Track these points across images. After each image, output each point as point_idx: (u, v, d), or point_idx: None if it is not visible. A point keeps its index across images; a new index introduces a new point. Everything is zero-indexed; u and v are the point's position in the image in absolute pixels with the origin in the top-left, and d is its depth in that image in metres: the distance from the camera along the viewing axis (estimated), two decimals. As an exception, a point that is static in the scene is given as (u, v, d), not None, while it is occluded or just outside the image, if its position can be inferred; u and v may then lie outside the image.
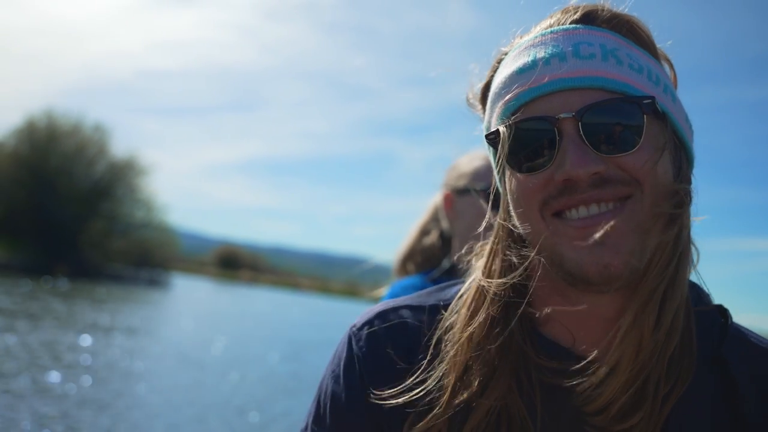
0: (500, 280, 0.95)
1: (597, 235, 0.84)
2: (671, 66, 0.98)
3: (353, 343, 1.02)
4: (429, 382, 0.95)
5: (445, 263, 2.13)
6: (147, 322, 21.68)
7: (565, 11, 0.94)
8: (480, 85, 1.03)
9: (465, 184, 2.13)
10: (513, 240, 0.96)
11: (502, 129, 0.91)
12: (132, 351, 14.86)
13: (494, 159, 0.98)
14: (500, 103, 0.93)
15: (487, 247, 1.01)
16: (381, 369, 0.99)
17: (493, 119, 0.96)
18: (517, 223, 0.94)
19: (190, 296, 42.17)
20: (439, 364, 0.96)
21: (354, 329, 1.04)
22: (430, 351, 0.98)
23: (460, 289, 1.04)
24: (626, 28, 0.92)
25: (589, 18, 0.92)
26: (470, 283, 1.01)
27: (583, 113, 0.85)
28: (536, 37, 0.92)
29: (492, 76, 0.99)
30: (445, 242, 2.21)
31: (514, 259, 0.95)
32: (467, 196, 2.11)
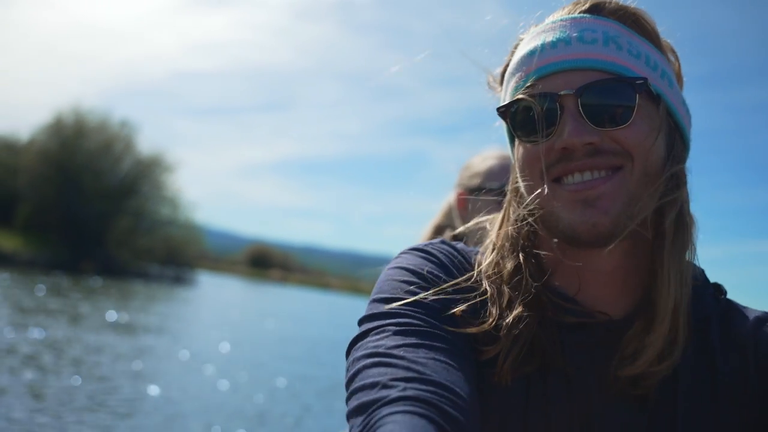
0: (508, 230, 1.07)
1: (587, 199, 0.95)
2: (676, 57, 1.08)
3: (425, 249, 1.09)
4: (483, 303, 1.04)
5: None
6: (166, 320, 21.25)
7: (576, 3, 1.04)
8: (499, 69, 1.13)
9: (478, 183, 2.14)
10: (521, 203, 1.06)
11: (511, 103, 1.02)
12: (146, 350, 14.47)
13: (506, 131, 1.10)
14: (512, 81, 1.04)
15: (500, 214, 1.13)
16: (452, 275, 1.06)
17: (506, 96, 1.07)
18: (522, 187, 1.05)
19: (214, 295, 41.75)
20: (484, 293, 1.05)
21: (419, 245, 1.11)
22: (477, 283, 1.06)
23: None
24: (631, 19, 1.02)
25: (596, 9, 1.02)
26: (487, 242, 1.12)
27: (582, 91, 0.95)
28: (547, 24, 1.03)
29: (509, 60, 1.09)
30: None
31: (525, 214, 1.04)
32: (481, 196, 2.13)
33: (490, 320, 1.00)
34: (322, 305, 49.96)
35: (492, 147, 2.20)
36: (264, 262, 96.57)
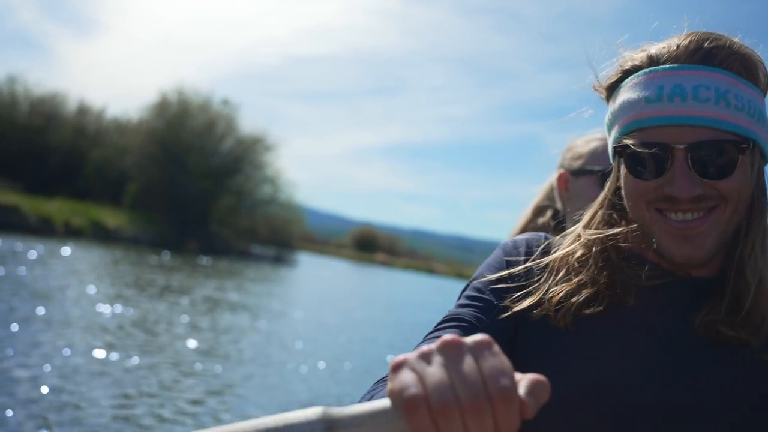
0: (596, 231, 1.21)
1: (687, 235, 1.11)
2: (765, 73, 1.16)
3: (507, 242, 1.32)
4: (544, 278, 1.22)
5: None
6: (261, 299, 20.01)
7: (689, 39, 1.13)
8: (607, 77, 1.22)
9: (581, 165, 2.16)
10: (612, 210, 1.22)
11: (627, 142, 1.14)
12: (235, 327, 13.41)
13: (613, 157, 1.22)
14: (626, 117, 1.15)
15: (590, 210, 1.26)
16: (520, 261, 1.25)
17: (616, 126, 1.18)
18: (625, 203, 1.19)
19: (314, 276, 40.75)
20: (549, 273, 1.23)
21: (507, 240, 1.33)
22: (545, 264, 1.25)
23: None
24: (738, 63, 1.11)
25: (709, 58, 1.11)
26: (571, 230, 1.27)
27: (693, 147, 1.08)
28: (664, 69, 1.12)
29: (619, 79, 1.18)
30: (558, 223, 2.16)
31: (615, 217, 1.22)
32: (582, 178, 2.14)
33: (545, 287, 1.18)
34: (426, 289, 48.00)
35: (596, 129, 2.18)
36: (370, 245, 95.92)
